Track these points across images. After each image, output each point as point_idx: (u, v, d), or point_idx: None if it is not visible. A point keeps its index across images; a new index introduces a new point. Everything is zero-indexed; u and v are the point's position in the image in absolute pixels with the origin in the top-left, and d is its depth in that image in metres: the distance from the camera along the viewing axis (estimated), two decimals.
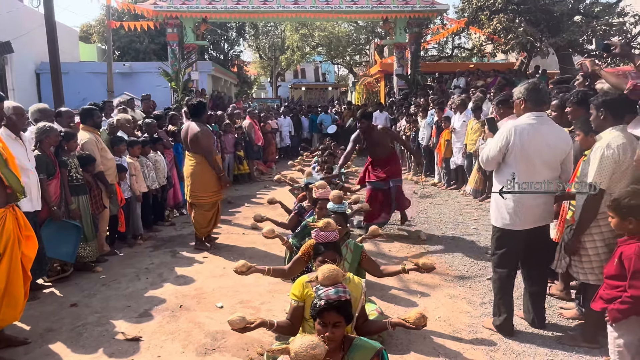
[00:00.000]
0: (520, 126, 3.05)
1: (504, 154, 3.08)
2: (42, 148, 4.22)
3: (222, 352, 3.11)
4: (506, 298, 3.24)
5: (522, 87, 3.15)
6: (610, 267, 2.46)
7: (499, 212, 3.18)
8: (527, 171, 3.03)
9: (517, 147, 3.02)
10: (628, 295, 2.29)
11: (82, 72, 17.75)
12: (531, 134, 3.02)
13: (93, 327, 3.51)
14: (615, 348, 2.42)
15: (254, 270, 3.28)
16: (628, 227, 2.37)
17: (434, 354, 3.04)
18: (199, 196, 5.23)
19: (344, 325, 2.15)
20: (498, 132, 3.19)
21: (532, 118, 3.07)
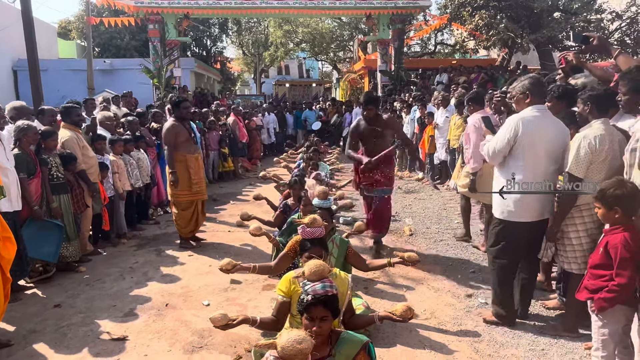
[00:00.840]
0: (527, 118, 3.09)
1: (512, 146, 3.11)
2: (22, 147, 4.14)
3: (210, 350, 3.11)
4: (508, 288, 3.29)
5: (525, 81, 3.16)
6: (595, 257, 2.51)
7: (504, 204, 3.18)
8: (533, 163, 3.08)
9: (525, 138, 3.05)
10: (615, 283, 2.34)
11: (61, 69, 17.42)
12: (537, 126, 3.08)
13: (77, 327, 3.47)
14: (600, 337, 2.48)
15: (240, 268, 3.28)
16: (614, 217, 2.42)
17: (420, 346, 3.09)
18: (175, 194, 5.19)
19: (331, 320, 2.17)
20: (505, 125, 3.20)
21: (536, 111, 3.11)
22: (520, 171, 3.10)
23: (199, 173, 5.25)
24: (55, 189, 4.46)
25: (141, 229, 6.05)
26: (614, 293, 2.35)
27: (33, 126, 4.25)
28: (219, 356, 3.02)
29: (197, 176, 5.21)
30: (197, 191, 5.22)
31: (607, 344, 2.46)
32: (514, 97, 3.27)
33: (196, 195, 5.23)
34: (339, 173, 9.07)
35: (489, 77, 13.43)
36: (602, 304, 2.39)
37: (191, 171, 5.13)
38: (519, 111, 3.21)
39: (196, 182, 5.19)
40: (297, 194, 4.88)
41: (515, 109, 3.34)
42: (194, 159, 5.18)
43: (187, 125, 5.26)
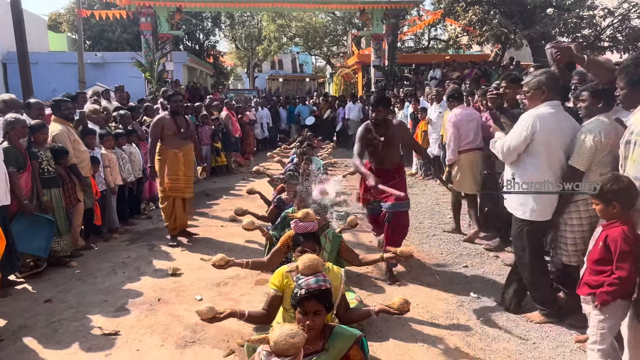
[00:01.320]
0: (543, 115, 3.05)
1: (528, 144, 3.07)
2: (11, 140, 4.08)
3: (202, 345, 3.10)
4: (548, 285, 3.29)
5: (542, 77, 3.08)
6: (595, 252, 2.51)
7: (526, 204, 3.15)
8: (550, 160, 3.05)
9: (542, 136, 3.01)
10: (615, 277, 2.34)
11: (52, 62, 17.22)
12: (554, 123, 3.05)
13: (69, 322, 3.44)
14: (599, 330, 2.47)
15: (233, 264, 3.27)
16: (612, 212, 2.42)
17: (413, 340, 3.10)
18: (158, 187, 5.26)
19: (324, 314, 2.17)
20: (520, 122, 3.13)
21: (551, 107, 3.08)
22: (536, 168, 3.08)
23: (177, 169, 5.05)
24: (46, 183, 4.41)
25: (133, 224, 6.01)
26: (615, 286, 2.34)
27: (21, 119, 4.18)
28: (212, 351, 3.02)
29: (175, 173, 5.04)
30: (174, 188, 5.07)
31: (605, 338, 2.46)
32: (528, 92, 3.17)
33: (173, 192, 5.09)
34: (332, 168, 9.06)
35: (482, 73, 13.45)
36: (605, 298, 2.38)
37: (168, 166, 5.01)
38: (532, 107, 3.14)
39: (174, 178, 5.04)
40: (292, 188, 4.86)
41: (526, 105, 3.25)
42: (174, 154, 5.02)
43: (179, 119, 5.14)
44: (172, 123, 5.03)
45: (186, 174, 5.14)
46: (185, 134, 5.14)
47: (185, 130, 5.12)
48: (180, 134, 5.06)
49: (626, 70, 2.65)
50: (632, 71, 2.60)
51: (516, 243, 3.34)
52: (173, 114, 5.08)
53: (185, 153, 5.13)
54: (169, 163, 5.02)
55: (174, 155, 5.02)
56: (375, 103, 4.18)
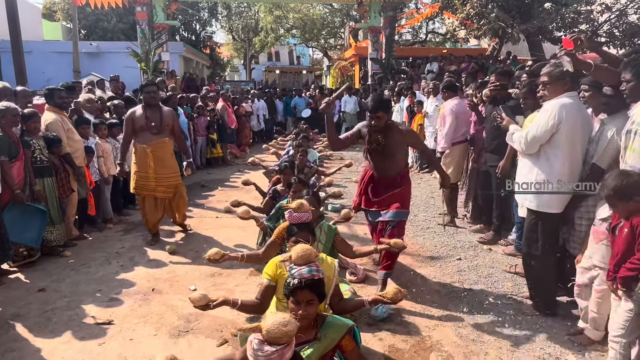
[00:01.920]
0: (567, 105, 3.02)
1: (553, 133, 3.04)
2: (3, 129, 4.04)
3: (196, 334, 3.11)
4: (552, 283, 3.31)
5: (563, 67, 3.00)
6: (620, 243, 2.44)
7: (539, 196, 3.15)
8: (572, 150, 3.04)
9: (567, 126, 2.99)
10: (637, 257, 2.31)
11: (46, 51, 17.05)
12: (577, 112, 3.04)
13: (62, 311, 3.44)
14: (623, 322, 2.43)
15: (228, 257, 3.26)
16: (634, 206, 2.37)
17: (405, 332, 3.13)
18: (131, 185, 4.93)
19: (317, 303, 2.18)
20: (546, 112, 3.08)
21: (571, 98, 3.07)
22: (558, 159, 3.06)
23: (145, 166, 4.66)
24: (39, 172, 4.38)
25: (127, 214, 6.00)
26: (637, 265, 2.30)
27: (12, 108, 4.10)
28: (205, 340, 3.03)
29: (143, 170, 4.68)
30: (142, 186, 4.73)
31: (632, 330, 2.41)
32: (549, 83, 3.13)
33: (142, 191, 4.75)
34: (328, 160, 9.06)
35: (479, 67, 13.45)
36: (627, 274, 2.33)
37: (136, 163, 4.72)
38: (553, 98, 3.10)
39: (142, 176, 4.70)
40: (287, 179, 4.86)
41: (545, 95, 3.19)
42: (142, 150, 4.66)
43: (151, 112, 4.70)
44: (142, 116, 4.67)
45: (158, 172, 4.70)
46: (157, 128, 4.68)
47: (157, 124, 4.68)
48: (150, 128, 4.66)
49: (633, 62, 2.63)
50: (639, 63, 2.59)
51: (528, 235, 3.31)
52: (146, 107, 4.71)
53: (156, 149, 4.68)
54: (137, 159, 4.71)
55: (141, 151, 4.67)
56: (373, 108, 3.58)
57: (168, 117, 4.78)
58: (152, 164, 4.65)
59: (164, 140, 4.75)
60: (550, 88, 3.15)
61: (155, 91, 4.78)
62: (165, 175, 4.75)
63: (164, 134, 4.75)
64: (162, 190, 4.76)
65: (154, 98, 4.74)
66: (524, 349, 2.90)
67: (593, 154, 3.01)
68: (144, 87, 4.81)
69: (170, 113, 4.86)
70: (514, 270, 4.05)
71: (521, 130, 3.32)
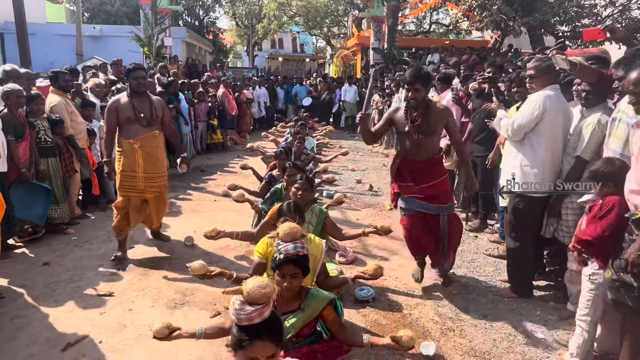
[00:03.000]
0: (551, 96, 3.23)
1: (537, 122, 3.23)
2: (10, 109, 4.21)
3: (191, 307, 3.31)
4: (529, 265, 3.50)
5: (549, 62, 3.21)
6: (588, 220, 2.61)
7: (524, 179, 3.31)
8: (554, 138, 3.24)
9: (550, 115, 3.19)
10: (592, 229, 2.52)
11: (50, 33, 17.12)
12: (560, 104, 3.26)
13: (66, 284, 3.64)
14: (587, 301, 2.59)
15: (223, 235, 3.45)
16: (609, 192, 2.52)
17: (389, 309, 3.32)
18: None
19: (300, 277, 2.36)
20: (531, 102, 3.27)
21: (554, 90, 3.28)
22: (542, 147, 3.25)
23: (133, 164, 3.98)
24: (43, 152, 4.56)
25: None
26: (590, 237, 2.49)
27: (16, 89, 4.24)
28: (200, 312, 3.23)
29: (130, 168, 4.00)
30: (129, 186, 4.04)
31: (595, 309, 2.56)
32: (536, 76, 3.30)
33: (128, 192, 4.07)
34: (325, 148, 9.21)
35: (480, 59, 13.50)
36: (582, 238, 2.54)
37: (123, 160, 4.02)
38: (539, 90, 3.28)
39: (130, 175, 4.01)
40: (282, 164, 5.03)
41: (532, 87, 3.36)
42: (129, 145, 3.97)
43: (140, 100, 4.04)
44: (129, 106, 3.98)
45: (148, 171, 4.03)
46: (147, 119, 4.02)
47: (147, 115, 4.03)
48: (138, 120, 3.99)
49: (626, 60, 2.77)
50: (631, 59, 2.72)
51: (511, 218, 3.50)
52: (133, 94, 4.03)
53: (145, 144, 4.01)
54: (123, 156, 4.03)
55: (128, 147, 3.97)
56: (412, 79, 3.25)
57: (158, 107, 4.16)
58: (142, 162, 4.00)
59: (153, 134, 4.10)
60: (537, 81, 3.33)
61: (144, 76, 4.10)
62: (156, 175, 4.13)
63: (154, 126, 4.12)
64: (152, 191, 4.12)
65: (143, 84, 4.08)
66: (497, 327, 3.10)
67: (575, 145, 3.18)
68: (131, 72, 4.13)
69: (161, 103, 4.25)
70: (489, 253, 4.30)
71: (508, 118, 3.50)
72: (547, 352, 2.82)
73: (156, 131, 4.15)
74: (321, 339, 2.54)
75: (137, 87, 4.05)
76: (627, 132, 2.62)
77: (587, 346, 2.61)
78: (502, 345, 2.89)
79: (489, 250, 4.37)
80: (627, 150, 2.59)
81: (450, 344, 2.89)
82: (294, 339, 2.39)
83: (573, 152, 3.20)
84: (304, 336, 2.42)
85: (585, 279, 2.60)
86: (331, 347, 2.51)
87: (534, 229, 3.43)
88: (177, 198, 6.19)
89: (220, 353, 2.73)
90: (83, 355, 2.72)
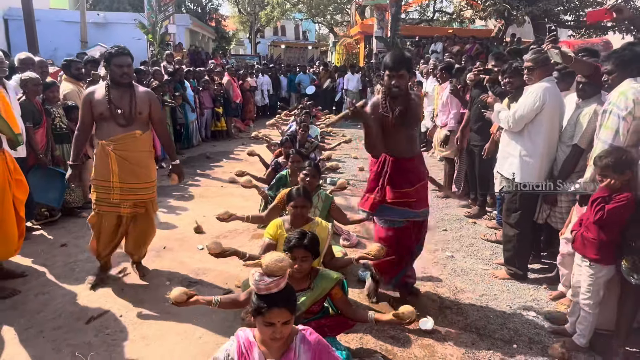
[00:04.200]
0: (550, 88, 3.40)
1: (537, 113, 3.39)
2: (28, 97, 4.37)
3: (204, 285, 3.52)
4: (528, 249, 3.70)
5: (546, 54, 3.35)
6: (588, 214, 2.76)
7: (524, 170, 3.49)
8: (552, 129, 3.40)
9: (549, 106, 3.35)
10: None
11: (54, 20, 17.11)
12: (557, 95, 3.42)
13: (84, 263, 3.85)
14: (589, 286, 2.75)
15: (235, 217, 3.63)
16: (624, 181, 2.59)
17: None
18: None
19: (310, 260, 2.55)
20: (531, 94, 3.41)
21: (551, 82, 3.44)
22: (540, 136, 3.41)
23: (106, 171, 3.29)
24: (58, 139, 4.74)
25: None
26: None
27: (33, 77, 4.38)
28: (212, 290, 3.43)
29: (102, 176, 3.31)
30: (100, 199, 3.35)
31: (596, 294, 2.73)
32: (534, 68, 3.44)
33: (100, 205, 3.36)
34: (329, 137, 9.36)
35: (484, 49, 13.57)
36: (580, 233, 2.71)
37: (95, 166, 3.35)
38: (536, 82, 3.43)
39: (101, 184, 3.32)
40: (287, 152, 5.20)
41: (530, 79, 3.49)
42: (101, 147, 3.29)
43: (120, 93, 3.29)
44: (103, 99, 3.26)
45: (125, 180, 3.32)
46: (125, 116, 3.28)
47: (125, 111, 3.28)
48: (115, 117, 3.26)
49: (615, 54, 2.91)
50: (622, 53, 2.85)
51: (508, 205, 3.69)
52: (111, 86, 3.30)
53: (123, 146, 3.29)
54: (96, 161, 3.36)
55: (101, 150, 3.30)
56: (396, 64, 2.90)
57: (143, 102, 3.36)
58: (116, 168, 3.28)
59: (133, 134, 3.32)
60: (535, 73, 3.49)
61: (129, 64, 3.31)
62: (137, 186, 3.37)
63: (135, 125, 3.33)
64: (129, 206, 3.39)
65: (127, 74, 3.29)
66: (492, 305, 3.29)
67: (571, 134, 3.34)
68: (113, 57, 3.26)
69: (148, 96, 3.41)
70: (486, 238, 4.51)
71: (507, 110, 3.65)
72: (538, 329, 3.02)
73: (137, 131, 3.33)
74: (328, 315, 2.73)
75: (120, 78, 3.27)
76: (618, 123, 2.77)
77: (593, 326, 2.77)
78: (497, 321, 3.09)
79: (486, 235, 4.56)
80: (616, 141, 2.75)
81: (448, 321, 3.09)
82: (304, 315, 2.58)
83: (568, 141, 3.36)
84: (313, 312, 2.62)
85: (585, 267, 2.75)
86: (337, 322, 2.71)
87: (529, 215, 3.61)
88: (185, 184, 6.38)
89: (234, 327, 2.92)
90: (106, 328, 2.93)
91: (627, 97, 2.72)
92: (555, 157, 3.46)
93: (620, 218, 2.60)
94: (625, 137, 2.74)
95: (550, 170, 3.49)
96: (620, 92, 2.77)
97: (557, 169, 3.44)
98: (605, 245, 2.64)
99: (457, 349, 2.79)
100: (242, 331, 1.90)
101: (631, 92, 2.73)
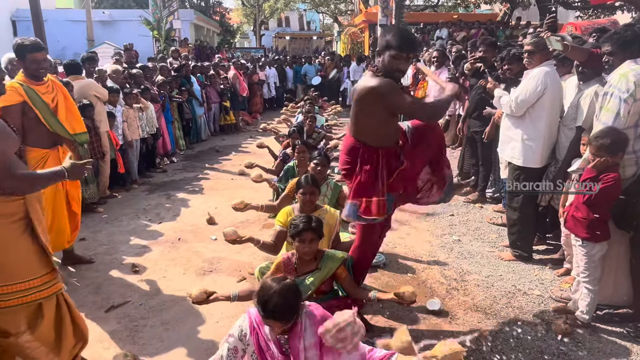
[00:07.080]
0: (550, 72, 3.48)
1: (539, 97, 3.46)
2: None
3: (218, 273, 3.65)
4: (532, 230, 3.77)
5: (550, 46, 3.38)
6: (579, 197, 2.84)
7: (526, 154, 3.57)
8: (553, 112, 3.49)
9: (551, 90, 3.43)
10: None
11: (60, 19, 17.31)
12: (556, 79, 3.50)
13: (102, 256, 4.01)
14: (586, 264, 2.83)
15: (250, 207, 3.77)
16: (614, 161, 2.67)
17: (398, 272, 3.63)
18: None
19: (317, 240, 2.67)
20: (533, 78, 3.48)
21: (550, 66, 3.51)
22: (542, 120, 3.49)
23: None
24: None
25: (150, 177, 6.53)
26: None
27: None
28: (227, 278, 3.57)
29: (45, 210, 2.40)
30: None
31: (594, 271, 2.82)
32: (534, 52, 3.51)
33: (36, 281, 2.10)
34: (336, 127, 9.43)
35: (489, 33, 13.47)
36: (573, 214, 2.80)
37: None
38: (536, 66, 3.50)
39: None
40: (294, 142, 5.31)
41: (530, 63, 3.55)
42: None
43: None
44: None
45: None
46: None
47: None
48: None
49: (617, 35, 2.93)
50: (623, 34, 2.86)
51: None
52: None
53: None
54: None
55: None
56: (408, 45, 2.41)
57: None
58: None
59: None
60: (536, 57, 3.55)
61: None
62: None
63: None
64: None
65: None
66: (498, 286, 3.39)
67: (574, 116, 3.40)
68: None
69: None
70: (493, 221, 4.59)
71: (507, 95, 3.71)
72: (543, 307, 3.11)
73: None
74: (338, 297, 2.85)
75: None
76: (619, 105, 2.81)
77: (595, 302, 2.85)
78: (502, 301, 3.19)
79: (493, 219, 4.63)
80: (617, 123, 2.80)
81: (455, 301, 3.19)
82: (314, 295, 2.70)
83: (571, 123, 3.42)
84: (322, 292, 2.74)
85: (579, 246, 2.84)
86: (346, 303, 2.82)
87: (532, 198, 3.68)
88: (196, 178, 6.52)
89: None
90: (127, 315, 3.08)
91: (627, 79, 2.76)
92: (557, 140, 3.52)
93: (609, 198, 2.69)
94: (626, 118, 2.80)
95: (551, 154, 3.55)
96: (621, 75, 2.81)
97: (558, 152, 3.50)
98: (595, 223, 2.73)
99: (463, 328, 2.89)
100: (253, 308, 2.04)
101: (632, 74, 2.77)
